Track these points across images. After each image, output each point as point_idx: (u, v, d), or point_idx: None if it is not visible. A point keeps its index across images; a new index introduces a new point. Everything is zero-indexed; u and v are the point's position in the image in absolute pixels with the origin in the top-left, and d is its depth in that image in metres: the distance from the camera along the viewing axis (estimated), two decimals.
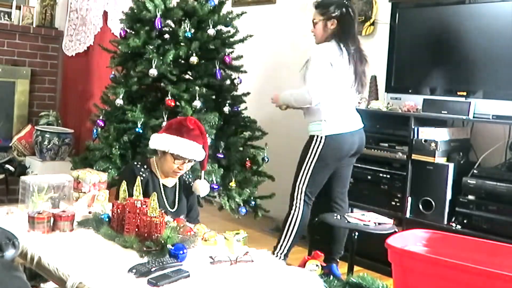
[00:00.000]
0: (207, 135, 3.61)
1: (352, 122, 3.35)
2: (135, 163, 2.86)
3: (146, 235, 2.05)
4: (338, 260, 3.49)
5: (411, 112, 3.62)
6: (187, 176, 2.96)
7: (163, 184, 2.85)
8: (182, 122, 2.79)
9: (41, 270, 1.98)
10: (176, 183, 2.90)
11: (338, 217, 3.24)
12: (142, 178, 2.73)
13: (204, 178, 2.98)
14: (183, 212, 2.86)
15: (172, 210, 2.83)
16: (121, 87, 3.77)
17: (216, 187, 3.66)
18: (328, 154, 3.28)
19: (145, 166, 2.83)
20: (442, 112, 3.48)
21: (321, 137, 3.29)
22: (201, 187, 2.93)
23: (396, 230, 3.04)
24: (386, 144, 3.78)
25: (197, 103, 3.62)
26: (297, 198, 3.34)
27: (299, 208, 3.32)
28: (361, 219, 3.14)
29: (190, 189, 2.94)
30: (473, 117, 3.38)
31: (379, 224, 3.12)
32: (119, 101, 3.72)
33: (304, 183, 3.33)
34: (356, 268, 3.74)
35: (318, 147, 3.30)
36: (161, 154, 2.79)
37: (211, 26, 3.76)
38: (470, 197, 3.36)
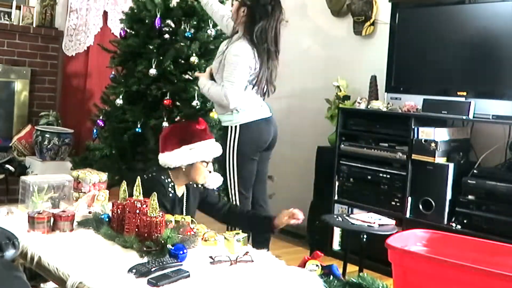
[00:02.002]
0: None
1: (263, 109, 3.30)
2: (163, 177, 2.71)
3: (146, 235, 2.05)
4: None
5: (411, 112, 3.62)
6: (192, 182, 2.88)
7: (178, 196, 2.79)
8: (193, 126, 2.74)
9: (41, 270, 1.98)
10: (184, 192, 2.84)
11: (340, 218, 3.22)
12: (170, 195, 2.70)
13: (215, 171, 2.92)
14: (193, 216, 2.78)
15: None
16: (121, 87, 3.78)
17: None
18: (246, 143, 3.19)
19: (169, 180, 2.72)
20: (442, 112, 3.48)
21: (235, 127, 3.18)
22: (214, 180, 2.89)
23: (397, 230, 3.04)
24: (386, 144, 3.78)
25: (196, 103, 3.62)
26: (234, 200, 3.23)
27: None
28: (365, 220, 3.11)
29: (196, 191, 2.88)
30: (473, 117, 3.38)
31: (381, 225, 3.11)
32: (119, 101, 3.73)
33: (234, 183, 3.22)
34: (355, 268, 3.75)
35: (234, 139, 3.19)
36: (188, 166, 2.70)
37: (211, 26, 3.77)
38: (470, 197, 3.35)
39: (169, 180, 2.73)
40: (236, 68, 3.11)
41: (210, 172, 2.76)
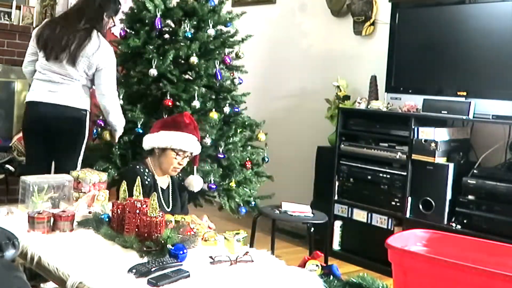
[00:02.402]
0: (207, 135, 3.62)
1: (47, 94, 3.22)
2: (138, 166, 2.85)
3: (146, 235, 2.05)
4: None
5: (411, 112, 3.62)
6: (178, 175, 2.99)
7: (160, 186, 2.87)
8: (178, 117, 2.86)
9: (41, 270, 1.98)
10: (169, 182, 2.93)
11: (278, 211, 3.42)
12: (147, 183, 2.77)
13: (197, 174, 3.05)
14: (178, 210, 2.88)
15: (168, 210, 2.85)
16: (121, 87, 3.78)
17: (214, 186, 3.67)
18: (24, 119, 3.42)
19: (147, 170, 2.83)
20: (442, 112, 3.48)
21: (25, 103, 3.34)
22: (195, 182, 3.02)
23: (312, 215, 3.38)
24: (386, 144, 3.78)
25: (196, 103, 3.62)
26: None
27: None
28: (301, 211, 3.43)
29: (182, 187, 2.99)
30: (473, 117, 3.38)
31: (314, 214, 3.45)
32: (119, 101, 3.72)
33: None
34: (356, 268, 3.76)
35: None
36: (160, 152, 2.81)
37: (211, 26, 3.76)
38: (470, 197, 3.36)
39: (147, 170, 2.82)
40: (114, 71, 3.37)
41: (180, 165, 2.82)
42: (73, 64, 3.18)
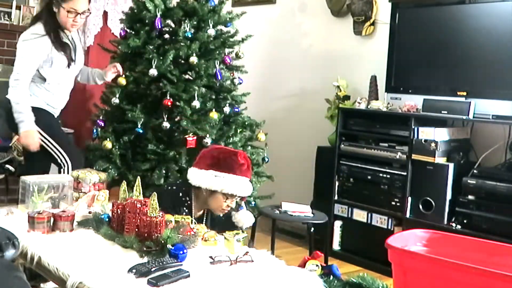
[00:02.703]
0: (207, 135, 3.61)
1: None
2: (180, 194, 2.68)
3: (146, 235, 2.05)
4: None
5: (411, 112, 3.62)
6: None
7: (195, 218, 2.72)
8: (232, 157, 2.64)
9: (41, 270, 1.98)
10: (204, 214, 2.80)
11: (278, 211, 3.41)
12: (184, 213, 2.60)
13: (247, 210, 2.89)
14: None
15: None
16: (118, 86, 3.78)
17: None
18: None
19: (188, 201, 2.68)
20: (442, 112, 3.48)
21: None
22: (245, 219, 2.84)
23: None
24: (386, 144, 3.78)
25: (196, 103, 3.62)
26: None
27: None
28: (301, 211, 3.42)
29: (217, 221, 2.82)
30: (473, 117, 3.38)
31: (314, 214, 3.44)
32: (115, 100, 3.73)
33: None
34: (356, 268, 3.76)
35: None
36: (209, 193, 2.64)
37: (211, 26, 3.77)
38: (470, 197, 3.35)
39: (187, 198, 2.68)
40: None
41: (229, 207, 2.68)
42: None
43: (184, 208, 2.66)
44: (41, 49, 3.20)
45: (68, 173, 3.21)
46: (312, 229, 3.50)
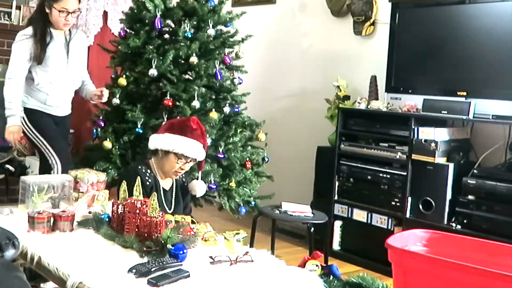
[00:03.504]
0: (207, 135, 3.62)
1: None
2: (140, 166, 2.83)
3: (146, 235, 2.05)
4: None
5: (411, 112, 3.62)
6: (182, 177, 2.97)
7: (162, 187, 2.86)
8: (185, 121, 2.82)
9: (41, 270, 1.98)
10: (173, 184, 2.92)
11: (277, 211, 3.41)
12: (147, 183, 2.77)
13: (201, 179, 3.03)
14: (180, 212, 2.87)
15: (170, 211, 2.84)
16: (118, 86, 3.78)
17: (214, 186, 3.67)
18: None
19: (149, 171, 2.82)
20: (442, 112, 3.48)
21: None
22: (198, 187, 2.99)
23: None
24: (386, 144, 3.78)
25: (196, 103, 3.62)
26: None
27: None
28: (301, 211, 3.43)
29: (185, 189, 2.98)
30: (473, 117, 3.38)
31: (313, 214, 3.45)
32: (115, 100, 3.73)
33: None
34: (356, 268, 3.76)
35: None
36: (163, 154, 2.78)
37: (211, 26, 3.77)
38: (470, 197, 3.36)
39: (149, 170, 2.82)
40: None
41: (182, 169, 2.80)
42: None
43: (148, 178, 2.78)
44: (28, 49, 3.38)
45: (57, 174, 3.38)
46: (312, 229, 3.50)
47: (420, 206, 3.54)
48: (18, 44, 3.41)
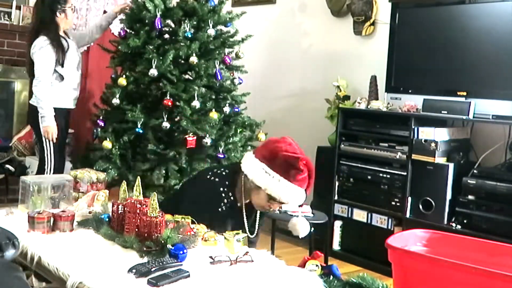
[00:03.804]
0: (207, 135, 3.61)
1: None
2: (223, 188, 2.41)
3: (146, 235, 2.05)
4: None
5: (411, 112, 3.62)
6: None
7: (244, 207, 2.48)
8: (291, 161, 2.31)
9: (41, 270, 1.98)
10: (256, 211, 2.57)
11: (277, 211, 3.30)
12: (220, 210, 2.41)
13: (303, 216, 2.64)
14: (255, 238, 2.59)
15: (252, 237, 2.54)
16: (117, 86, 3.78)
17: None
18: None
19: (230, 194, 2.42)
20: (442, 112, 3.48)
21: None
22: (301, 227, 2.58)
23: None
24: (386, 144, 3.78)
25: (196, 103, 3.62)
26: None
27: None
28: (303, 211, 3.28)
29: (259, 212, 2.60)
30: (473, 117, 3.38)
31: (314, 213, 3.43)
32: (116, 101, 3.74)
33: None
34: (356, 268, 3.76)
35: None
36: (254, 186, 2.38)
37: (211, 26, 3.77)
38: (470, 197, 3.36)
39: (230, 193, 2.42)
40: None
41: (270, 208, 2.43)
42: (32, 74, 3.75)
43: (223, 205, 2.41)
44: (52, 54, 3.68)
45: (49, 173, 3.74)
46: (312, 229, 3.50)
47: (420, 206, 3.54)
48: (43, 50, 3.65)
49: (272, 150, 2.37)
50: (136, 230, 2.09)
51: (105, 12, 5.29)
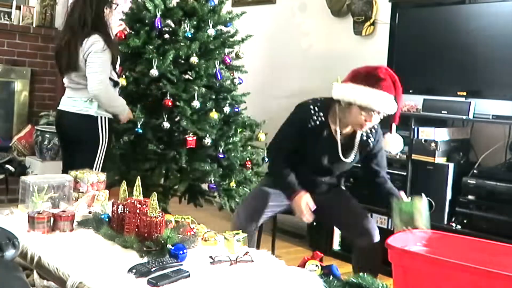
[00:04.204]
0: (207, 135, 3.61)
1: (62, 102, 3.41)
2: (313, 106, 2.71)
3: (146, 235, 2.05)
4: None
5: (411, 112, 3.62)
6: (372, 137, 2.76)
7: (339, 131, 2.69)
8: (371, 70, 2.58)
9: (41, 270, 1.98)
10: (355, 136, 2.75)
11: None
12: (310, 126, 2.68)
13: (396, 133, 2.77)
14: (354, 162, 2.81)
15: (346, 160, 2.75)
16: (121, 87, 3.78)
17: (214, 186, 3.67)
18: None
19: (320, 114, 2.69)
20: (442, 112, 3.48)
21: None
22: (393, 142, 2.74)
23: None
24: None
25: (196, 103, 3.62)
26: None
27: None
28: None
29: (365, 145, 2.78)
30: (473, 117, 3.38)
31: None
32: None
33: None
34: None
35: None
36: (346, 105, 2.58)
37: (211, 26, 3.77)
38: (470, 197, 3.35)
39: (322, 113, 2.69)
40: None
41: (368, 122, 2.57)
42: (75, 69, 3.24)
43: (315, 120, 2.69)
44: (110, 55, 3.24)
45: None
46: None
47: None
48: (105, 52, 3.18)
49: (354, 71, 2.63)
50: (136, 230, 2.09)
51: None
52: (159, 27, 3.74)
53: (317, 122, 2.69)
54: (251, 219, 2.74)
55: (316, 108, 2.72)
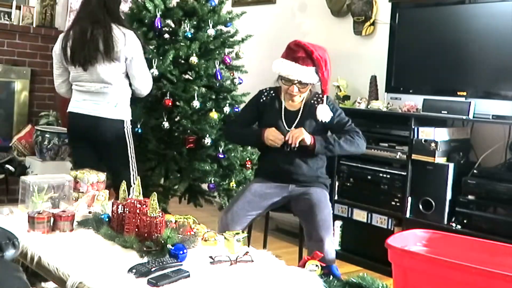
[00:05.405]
0: (207, 135, 3.61)
1: (83, 104, 3.30)
2: (267, 88, 3.14)
3: (146, 235, 2.05)
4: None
5: (411, 112, 3.62)
6: (314, 101, 3.06)
7: (284, 107, 3.04)
8: (289, 45, 2.98)
9: (41, 270, 1.98)
10: (300, 107, 3.04)
11: None
12: (261, 100, 3.09)
13: (327, 104, 3.05)
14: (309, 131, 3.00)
15: (287, 129, 2.98)
16: None
17: (214, 186, 3.67)
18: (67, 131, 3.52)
19: (271, 92, 3.10)
20: (442, 112, 3.49)
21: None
22: (320, 111, 3.01)
23: None
24: (386, 144, 3.78)
25: (196, 103, 3.62)
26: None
27: None
28: None
29: (313, 114, 3.04)
30: (473, 117, 3.38)
31: None
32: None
33: None
34: (356, 268, 3.76)
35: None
36: (279, 78, 2.99)
37: (211, 26, 3.76)
38: (470, 197, 3.36)
39: (272, 91, 3.10)
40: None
41: (291, 92, 2.93)
42: (109, 61, 3.19)
43: (264, 97, 3.10)
44: None
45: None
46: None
47: (420, 206, 3.54)
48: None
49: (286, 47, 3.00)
50: (136, 230, 2.09)
51: None
52: (159, 27, 3.74)
53: (268, 97, 3.09)
54: (234, 223, 2.83)
55: (268, 88, 3.14)
